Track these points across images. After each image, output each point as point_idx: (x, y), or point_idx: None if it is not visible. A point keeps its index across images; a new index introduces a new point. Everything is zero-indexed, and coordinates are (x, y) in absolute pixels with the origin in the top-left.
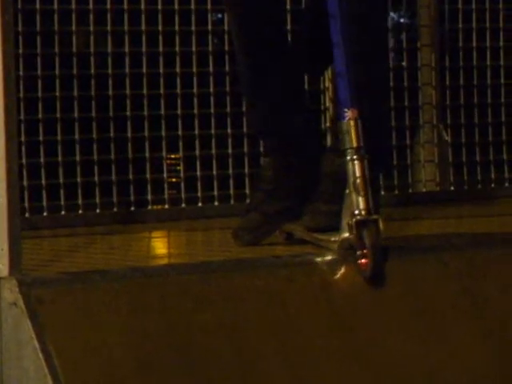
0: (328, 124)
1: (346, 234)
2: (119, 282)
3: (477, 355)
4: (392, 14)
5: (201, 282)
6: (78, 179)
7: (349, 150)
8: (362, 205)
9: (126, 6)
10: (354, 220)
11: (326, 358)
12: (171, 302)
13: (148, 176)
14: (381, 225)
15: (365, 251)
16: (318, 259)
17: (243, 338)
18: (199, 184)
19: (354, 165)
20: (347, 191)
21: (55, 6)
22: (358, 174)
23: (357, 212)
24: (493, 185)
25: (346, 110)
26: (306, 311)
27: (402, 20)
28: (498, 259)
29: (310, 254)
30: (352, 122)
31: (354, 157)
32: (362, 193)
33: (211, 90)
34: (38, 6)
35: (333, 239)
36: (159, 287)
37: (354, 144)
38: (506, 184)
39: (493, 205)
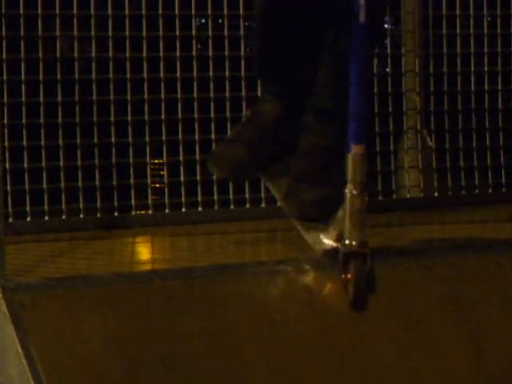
0: None
1: (333, 244)
2: (103, 288)
3: (460, 360)
4: None
5: (185, 287)
6: (62, 184)
7: (349, 183)
8: (354, 237)
9: (110, 12)
10: (343, 249)
11: (310, 364)
12: (155, 308)
13: (132, 181)
14: (369, 259)
15: (349, 276)
16: (303, 265)
17: (227, 344)
18: (183, 189)
19: (352, 198)
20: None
21: (39, 11)
22: (355, 207)
23: (348, 242)
24: (477, 191)
25: (353, 145)
26: (290, 317)
27: (385, 26)
28: (482, 265)
29: (294, 260)
30: (356, 158)
31: (354, 192)
32: (357, 226)
33: (195, 95)
34: (21, 10)
35: (321, 237)
36: (143, 293)
37: (356, 178)
38: (490, 190)
39: (477, 211)
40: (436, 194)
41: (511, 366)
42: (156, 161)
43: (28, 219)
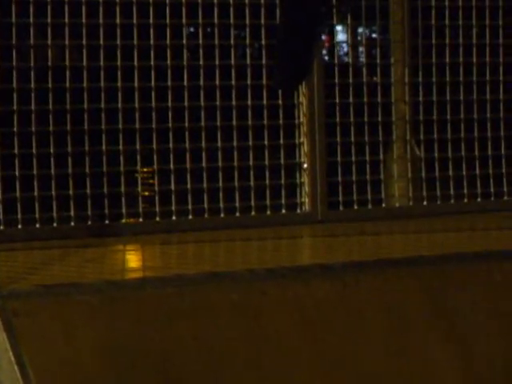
0: (301, 139)
1: None
2: (94, 295)
3: (448, 367)
4: (365, 29)
5: (175, 295)
6: (53, 192)
7: None
8: None
9: (101, 21)
10: None
11: (300, 370)
12: (146, 315)
13: (122, 189)
14: None
15: None
16: (293, 274)
17: (218, 350)
18: (173, 198)
19: None
20: None
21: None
22: None
23: None
24: (465, 200)
25: None
26: (279, 324)
27: (374, 36)
28: (471, 274)
29: (283, 267)
30: None
31: None
32: None
33: (186, 103)
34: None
35: None
36: (134, 300)
37: None
38: (479, 199)
39: (465, 220)
40: (425, 203)
41: (498, 373)
42: (146, 169)
43: (19, 227)
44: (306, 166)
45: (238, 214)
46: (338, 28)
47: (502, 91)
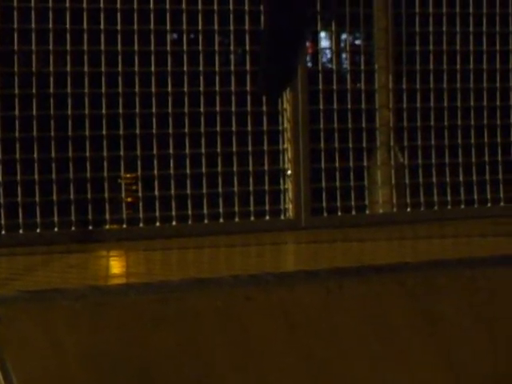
0: (285, 145)
1: None
2: (78, 301)
3: (432, 374)
4: (348, 36)
5: (159, 301)
6: (37, 198)
7: None
8: None
9: (85, 26)
10: None
11: (285, 376)
12: (130, 322)
13: (106, 195)
14: None
15: None
16: (277, 280)
17: (202, 356)
18: (157, 204)
19: None
20: None
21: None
22: None
23: None
24: (449, 206)
25: None
26: (264, 330)
27: (358, 42)
28: (453, 279)
29: (267, 273)
30: None
31: None
32: None
33: (170, 110)
34: None
35: None
36: (118, 306)
37: None
38: (462, 206)
39: (449, 226)
40: (408, 210)
41: (483, 377)
42: (130, 175)
43: (3, 232)
44: (289, 172)
45: (221, 220)
46: (323, 34)
47: (485, 98)
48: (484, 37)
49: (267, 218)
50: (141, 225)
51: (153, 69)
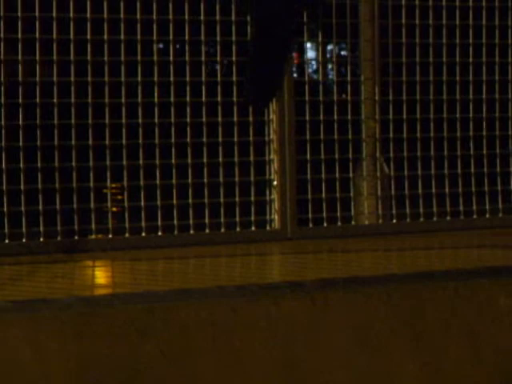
0: (271, 156)
1: None
2: (64, 311)
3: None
4: (335, 46)
5: (145, 311)
6: (22, 208)
7: None
8: None
9: (72, 36)
10: None
11: None
12: (116, 332)
13: (92, 205)
14: None
15: None
16: (263, 291)
17: (188, 368)
18: (143, 214)
19: None
20: None
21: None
22: None
23: None
24: (435, 218)
25: None
26: (249, 341)
27: (344, 53)
28: (440, 292)
29: (253, 284)
30: None
31: None
32: None
33: (156, 120)
34: None
35: None
36: (104, 317)
37: None
38: (448, 217)
39: (434, 238)
40: (394, 221)
41: None
42: (115, 185)
43: None
44: (275, 182)
45: (207, 231)
46: (309, 45)
47: (471, 109)
48: (470, 48)
49: (253, 228)
50: (126, 235)
51: (139, 79)
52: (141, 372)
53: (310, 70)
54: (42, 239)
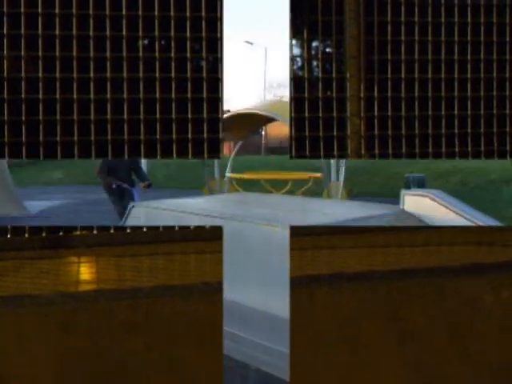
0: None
1: None
2: (49, 307)
3: (401, 380)
4: (320, 43)
5: (130, 307)
6: None
7: None
8: None
9: (57, 32)
10: None
11: None
12: (100, 327)
13: None
14: None
15: None
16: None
17: (173, 362)
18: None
19: None
20: None
21: None
22: None
23: None
24: None
25: None
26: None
27: (329, 50)
28: (425, 287)
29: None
30: None
31: None
32: None
33: (141, 116)
34: None
35: None
36: (89, 312)
37: None
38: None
39: (419, 234)
40: None
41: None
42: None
43: None
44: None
45: (192, 227)
46: (294, 42)
47: (456, 107)
48: (456, 46)
49: None
50: (111, 231)
51: (125, 75)
52: (126, 367)
53: (295, 67)
54: (27, 235)
